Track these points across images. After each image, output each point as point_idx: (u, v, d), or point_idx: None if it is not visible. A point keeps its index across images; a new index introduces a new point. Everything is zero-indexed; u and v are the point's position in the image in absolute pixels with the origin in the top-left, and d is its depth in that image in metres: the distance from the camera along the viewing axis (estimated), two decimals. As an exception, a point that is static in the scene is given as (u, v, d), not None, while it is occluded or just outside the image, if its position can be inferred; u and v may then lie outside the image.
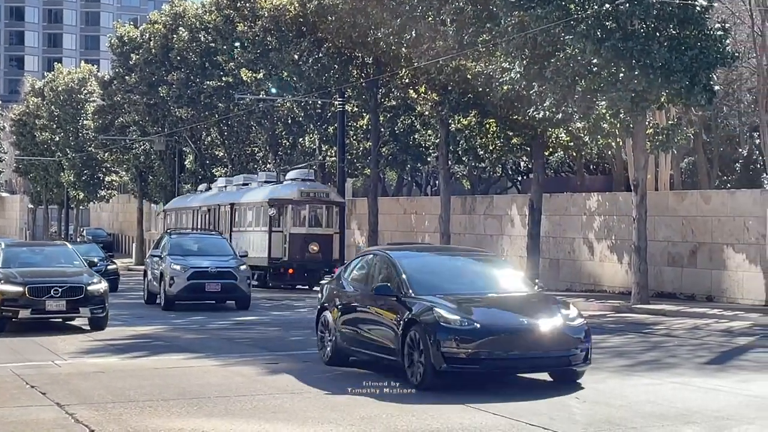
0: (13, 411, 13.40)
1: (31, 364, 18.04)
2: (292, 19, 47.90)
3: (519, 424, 12.36)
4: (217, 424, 12.26)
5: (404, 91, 46.83)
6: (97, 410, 13.11)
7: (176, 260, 30.52)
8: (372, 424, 12.31)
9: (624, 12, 32.36)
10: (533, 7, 33.69)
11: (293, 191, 41.34)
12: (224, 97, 59.08)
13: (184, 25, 64.11)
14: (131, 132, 71.47)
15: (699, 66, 32.95)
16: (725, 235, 34.39)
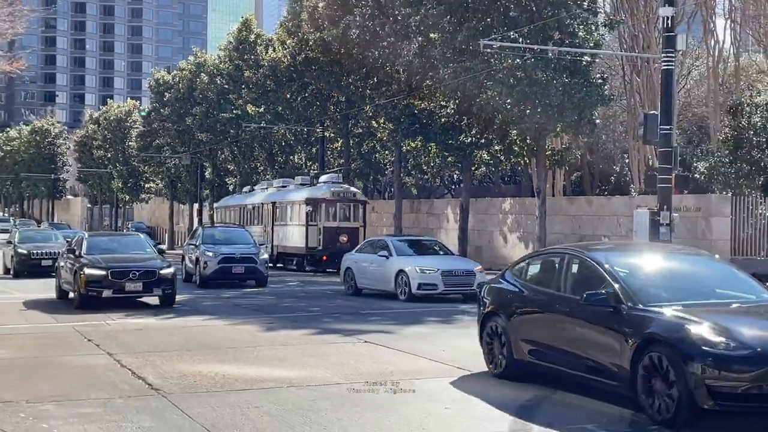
0: (77, 358, 13.46)
1: (89, 323, 17.95)
2: (285, 68, 48.03)
3: (447, 367, 12.41)
4: (229, 369, 12.31)
5: (368, 122, 47.03)
6: (137, 358, 13.17)
7: (209, 248, 29.23)
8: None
9: (530, 65, 32.48)
10: (463, 61, 33.82)
11: (326, 192, 38.84)
12: (234, 125, 58.93)
13: (204, 71, 64.05)
14: (164, 150, 71.28)
15: (585, 105, 33.16)
16: (603, 229, 34.70)
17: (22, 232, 35.00)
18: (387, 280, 23.62)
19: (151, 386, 10.90)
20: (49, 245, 33.03)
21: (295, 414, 9.31)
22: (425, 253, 24.89)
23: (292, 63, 47.16)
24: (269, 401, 9.95)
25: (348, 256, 26.69)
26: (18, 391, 10.55)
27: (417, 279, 22.20)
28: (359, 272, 25.10)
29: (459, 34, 33.58)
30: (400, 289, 22.93)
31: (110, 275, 19.96)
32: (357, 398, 10.20)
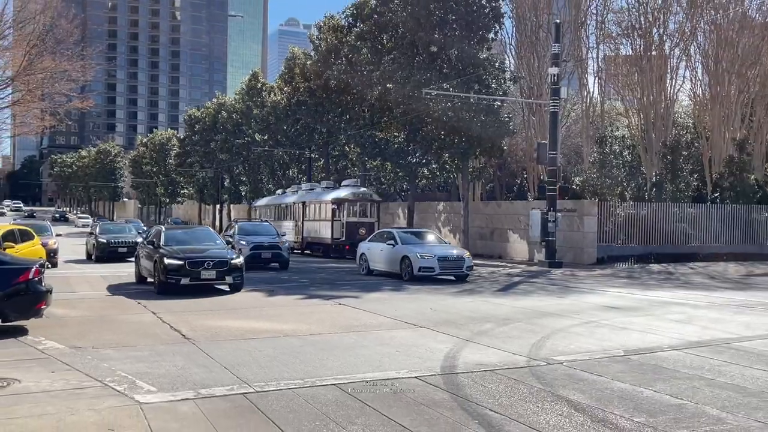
0: (131, 316, 13.28)
1: (140, 290, 17.76)
2: (282, 108, 47.83)
3: (398, 322, 12.50)
4: (240, 324, 12.24)
5: (342, 147, 46.98)
6: (174, 316, 13.01)
7: (242, 238, 26.83)
8: (318, 317, 12.40)
9: (457, 108, 32.65)
10: (410, 104, 33.88)
11: (348, 194, 35.75)
12: (246, 148, 58.63)
13: (224, 109, 63.68)
14: (195, 166, 70.75)
15: (496, 137, 33.37)
16: (508, 224, 34.93)
17: (101, 225, 33.07)
18: (394, 263, 21.72)
19: (185, 336, 10.81)
20: (124, 235, 31.10)
21: (287, 355, 9.28)
22: (424, 243, 22.60)
23: (287, 104, 47.07)
24: (269, 346, 9.90)
25: (362, 244, 24.76)
26: (86, 340, 10.41)
27: (418, 263, 20.58)
28: (371, 257, 23.23)
29: (408, 84, 33.61)
30: (404, 271, 21.09)
31: (187, 265, 16.97)
32: (333, 343, 10.19)
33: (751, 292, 18.34)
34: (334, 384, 7.60)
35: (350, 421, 6.27)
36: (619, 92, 48.73)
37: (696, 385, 7.63)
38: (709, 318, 13.03)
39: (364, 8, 37.27)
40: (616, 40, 46.58)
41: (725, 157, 39.09)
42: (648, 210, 29.74)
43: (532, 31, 46.23)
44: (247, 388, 7.44)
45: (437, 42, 34.25)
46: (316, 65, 42.26)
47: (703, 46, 44.57)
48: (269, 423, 6.24)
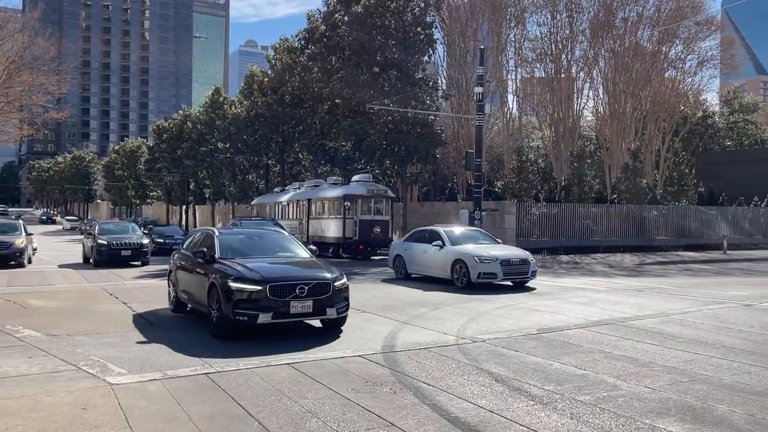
0: (102, 306, 12.85)
1: (111, 283, 17.20)
2: (242, 120, 46.97)
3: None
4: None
5: (296, 154, 46.49)
6: (142, 304, 12.67)
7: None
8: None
9: (397, 121, 32.79)
10: (356, 117, 33.84)
11: (362, 189, 29.38)
12: (209, 155, 57.42)
13: (190, 120, 62.33)
14: (163, 171, 69.01)
15: (430, 146, 33.69)
16: (441, 221, 35.26)
17: (101, 225, 26.24)
18: (443, 268, 16.38)
19: (152, 324, 10.53)
20: (127, 237, 24.33)
21: (245, 337, 9.13)
22: (478, 243, 16.88)
23: (247, 116, 46.28)
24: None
25: (397, 244, 19.32)
26: (62, 328, 10.03)
27: (477, 268, 15.30)
28: (410, 260, 17.73)
29: (353, 100, 33.56)
30: (456, 276, 15.79)
31: (269, 292, 8.80)
32: (290, 327, 10.08)
33: (642, 278, 18.98)
34: (288, 363, 7.54)
35: (302, 395, 6.23)
36: (534, 109, 49.84)
37: (596, 358, 7.86)
38: (608, 300, 13.41)
39: (315, 32, 37.02)
40: (532, 64, 47.60)
41: (622, 165, 40.41)
42: (558, 209, 30.45)
43: (460, 55, 46.84)
44: (209, 368, 7.31)
45: (379, 63, 34.32)
46: (272, 82, 41.80)
47: (604, 70, 45.97)
48: (229, 398, 6.15)
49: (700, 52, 47.66)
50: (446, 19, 46.08)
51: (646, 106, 46.16)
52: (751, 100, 64.90)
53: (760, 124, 61.61)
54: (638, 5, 45.04)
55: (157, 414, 5.74)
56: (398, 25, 34.42)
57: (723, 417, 5.54)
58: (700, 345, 8.62)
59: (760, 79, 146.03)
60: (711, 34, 47.85)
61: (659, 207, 34.00)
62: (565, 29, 45.10)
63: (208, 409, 5.84)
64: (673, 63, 47.58)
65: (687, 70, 48.51)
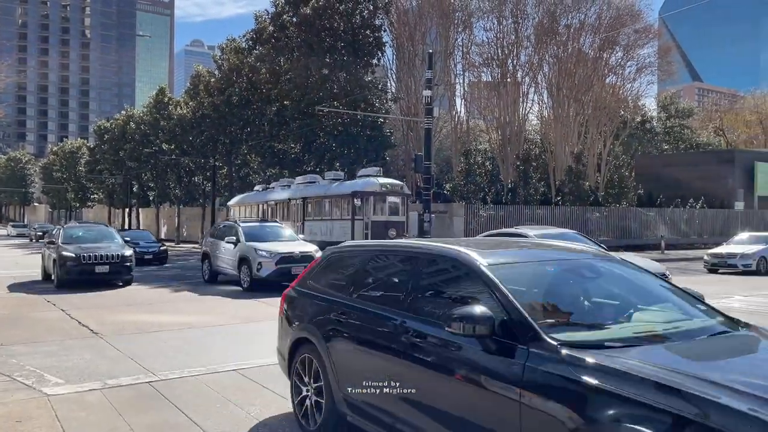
0: (39, 313, 12.33)
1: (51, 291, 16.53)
2: (188, 121, 45.98)
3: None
4: (147, 317, 11.68)
5: (244, 156, 45.82)
6: (82, 312, 12.23)
7: (257, 245, 16.15)
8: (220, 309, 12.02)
9: (347, 123, 32.83)
10: (305, 119, 33.67)
11: (375, 185, 24.52)
12: (154, 157, 56.01)
13: (133, 120, 60.70)
14: (104, 173, 67.01)
15: (380, 148, 33.82)
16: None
17: (67, 230, 19.06)
18: None
19: (92, 331, 10.17)
20: (103, 246, 17.37)
21: (190, 345, 8.95)
22: None
23: (193, 117, 45.30)
24: (174, 337, 9.52)
25: None
26: (-6, 338, 9.55)
27: None
28: None
29: (302, 102, 33.40)
30: None
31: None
32: (234, 332, 9.93)
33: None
34: (234, 370, 7.40)
35: (249, 402, 6.13)
36: (482, 113, 50.67)
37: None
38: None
39: (263, 33, 36.66)
40: (479, 69, 48.40)
41: (565, 168, 41.50)
42: (505, 211, 31.01)
43: (409, 58, 47.18)
44: (152, 377, 7.10)
45: (328, 65, 34.25)
46: (219, 82, 41.12)
47: (548, 75, 47.17)
48: (173, 407, 5.99)
49: (638, 59, 49.50)
50: (395, 22, 46.37)
51: (588, 110, 47.57)
52: (686, 106, 67.79)
53: (695, 128, 64.37)
54: (580, 13, 46.44)
55: (96, 425, 5.54)
56: (347, 27, 34.45)
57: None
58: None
59: (695, 86, 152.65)
60: (649, 41, 49.76)
61: (601, 209, 35.08)
62: (510, 35, 46.07)
63: (150, 419, 5.68)
64: (613, 69, 49.22)
65: (626, 76, 50.30)
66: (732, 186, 43.45)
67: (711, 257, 21.83)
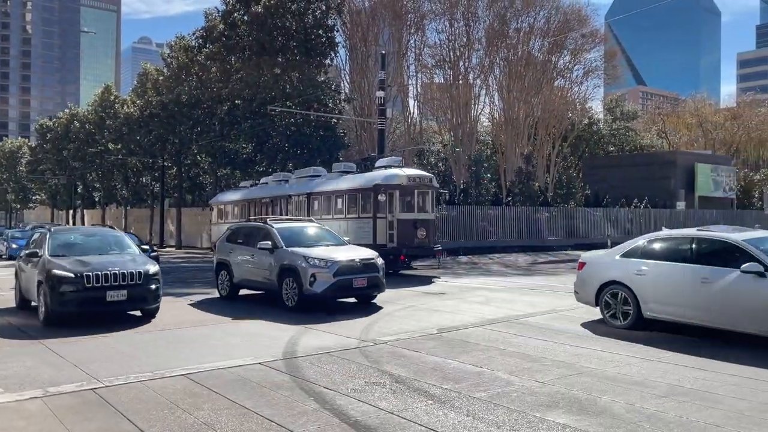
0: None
1: None
2: (135, 119, 44.88)
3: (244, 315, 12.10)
4: (93, 322, 11.26)
5: (194, 156, 44.90)
6: (17, 317, 11.69)
7: (307, 252, 12.46)
8: (175, 318, 11.67)
9: (299, 123, 32.60)
10: (257, 119, 33.28)
11: (401, 177, 20.44)
12: (99, 157, 54.38)
13: (77, 119, 58.85)
14: (47, 173, 64.67)
15: (333, 149, 33.70)
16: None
17: (57, 236, 12.31)
18: None
19: (32, 336, 9.78)
20: (115, 260, 11.36)
21: (139, 349, 8.72)
22: None
23: (140, 116, 44.28)
24: (121, 342, 9.25)
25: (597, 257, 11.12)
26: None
27: None
28: None
29: (254, 102, 33.01)
30: None
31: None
32: (188, 335, 9.72)
33: (535, 277, 19.89)
34: (183, 374, 7.25)
35: (197, 407, 6.01)
36: (434, 114, 51.10)
37: (492, 355, 8.14)
38: (503, 299, 13.92)
39: (213, 31, 36.06)
40: (431, 70, 48.80)
41: (516, 169, 42.26)
42: (457, 212, 31.32)
43: (362, 59, 47.16)
44: (96, 383, 6.89)
45: (280, 65, 33.95)
46: (168, 81, 40.28)
47: (499, 77, 47.95)
48: (117, 414, 5.82)
49: (585, 63, 50.83)
50: (348, 23, 46.29)
51: (538, 112, 48.56)
52: (631, 109, 69.96)
53: (639, 131, 66.50)
54: (530, 16, 47.37)
55: (36, 435, 5.32)
56: (299, 26, 34.22)
57: (605, 407, 5.90)
58: (586, 339, 9.14)
59: (639, 89, 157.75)
60: (595, 45, 51.15)
61: (550, 209, 35.84)
62: (462, 37, 46.62)
63: (94, 427, 5.51)
64: (561, 72, 50.40)
65: (574, 80, 51.59)
66: (674, 186, 45.08)
67: (654, 255, 22.49)
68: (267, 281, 13.05)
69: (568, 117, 52.22)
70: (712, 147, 60.52)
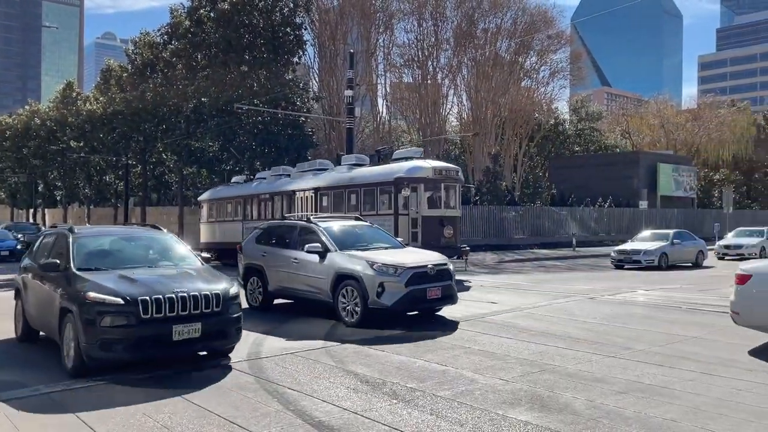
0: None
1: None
2: (98, 117, 43.93)
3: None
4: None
5: (159, 154, 44.17)
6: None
7: (370, 256, 10.40)
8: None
9: (267, 122, 32.33)
10: (224, 117, 32.90)
11: (426, 170, 18.26)
12: (61, 155, 53.13)
13: (38, 116, 57.38)
14: (6, 171, 62.93)
15: (301, 147, 33.52)
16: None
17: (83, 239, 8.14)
18: None
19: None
20: (172, 276, 7.58)
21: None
22: None
23: (104, 113, 43.34)
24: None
25: None
26: None
27: None
28: None
29: (221, 99, 32.63)
30: None
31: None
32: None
33: (501, 275, 20.09)
34: (146, 376, 7.10)
35: (158, 410, 5.90)
36: (403, 113, 51.23)
37: (457, 354, 8.18)
38: (470, 297, 13.97)
39: (179, 28, 35.56)
40: (400, 70, 48.93)
41: (483, 168, 42.65)
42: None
43: (331, 58, 47.05)
44: (53, 388, 6.70)
45: (247, 62, 33.65)
46: (132, 78, 39.55)
47: (467, 77, 48.32)
48: (77, 419, 5.67)
49: (552, 64, 51.56)
50: (316, 21, 46.12)
51: (505, 112, 49.07)
52: (596, 110, 71.19)
53: (604, 131, 67.69)
54: (497, 17, 47.83)
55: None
56: (267, 24, 33.96)
57: (567, 404, 5.98)
58: (549, 337, 9.26)
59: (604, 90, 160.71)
60: (561, 47, 51.94)
61: (517, 208, 36.26)
62: (430, 37, 46.86)
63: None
64: (528, 73, 51.03)
65: (540, 80, 52.29)
66: (637, 186, 46.02)
67: (617, 254, 23.00)
68: (314, 290, 11.00)
69: (534, 117, 52.88)
70: (674, 147, 61.97)
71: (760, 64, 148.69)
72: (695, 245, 23.63)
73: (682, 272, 20.75)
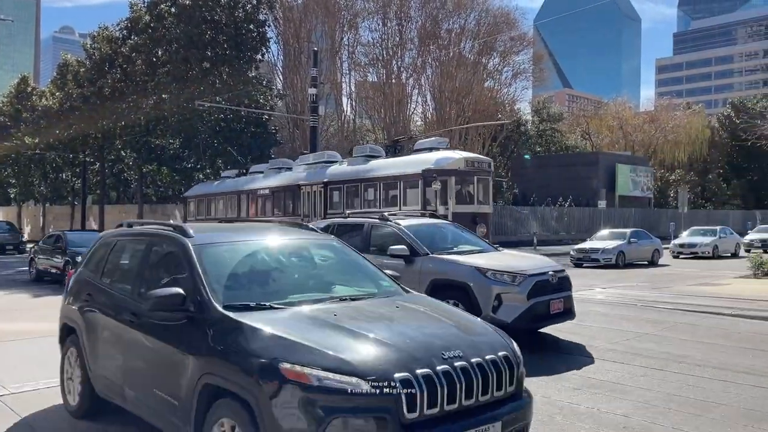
0: None
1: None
2: (54, 112, 42.72)
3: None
4: (5, 326, 10.61)
5: (118, 152, 43.19)
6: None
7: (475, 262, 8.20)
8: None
9: (230, 119, 31.97)
10: (185, 113, 32.35)
11: (458, 161, 16.70)
12: (14, 151, 51.52)
13: (-9, 111, 55.49)
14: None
15: (264, 146, 33.24)
16: (276, 223, 34.87)
17: (212, 249, 4.36)
18: None
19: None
20: (390, 312, 4.10)
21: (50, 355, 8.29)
22: None
23: (60, 109, 42.16)
24: (34, 347, 8.77)
25: None
26: None
27: None
28: None
29: (182, 96, 32.11)
30: None
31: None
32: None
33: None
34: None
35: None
36: (368, 112, 51.23)
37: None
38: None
39: (139, 22, 34.86)
40: (365, 69, 48.90)
41: (448, 167, 42.89)
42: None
43: (295, 55, 46.74)
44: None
45: (209, 59, 33.21)
46: (89, 73, 38.58)
47: (431, 77, 48.58)
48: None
49: (514, 65, 52.17)
50: (280, 18, 45.73)
51: (469, 113, 49.48)
52: (557, 111, 72.35)
53: (565, 132, 68.84)
54: (461, 18, 48.19)
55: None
56: (229, 20, 33.56)
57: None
58: (508, 334, 9.33)
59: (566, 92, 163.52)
60: (524, 48, 52.57)
61: (480, 207, 36.62)
62: (395, 36, 46.93)
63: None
64: (491, 74, 51.54)
65: (503, 81, 52.86)
66: (596, 186, 46.96)
67: (576, 252, 23.41)
68: None
69: (497, 118, 53.48)
70: (632, 148, 63.40)
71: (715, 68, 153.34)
72: (651, 244, 24.21)
73: (639, 270, 21.21)
